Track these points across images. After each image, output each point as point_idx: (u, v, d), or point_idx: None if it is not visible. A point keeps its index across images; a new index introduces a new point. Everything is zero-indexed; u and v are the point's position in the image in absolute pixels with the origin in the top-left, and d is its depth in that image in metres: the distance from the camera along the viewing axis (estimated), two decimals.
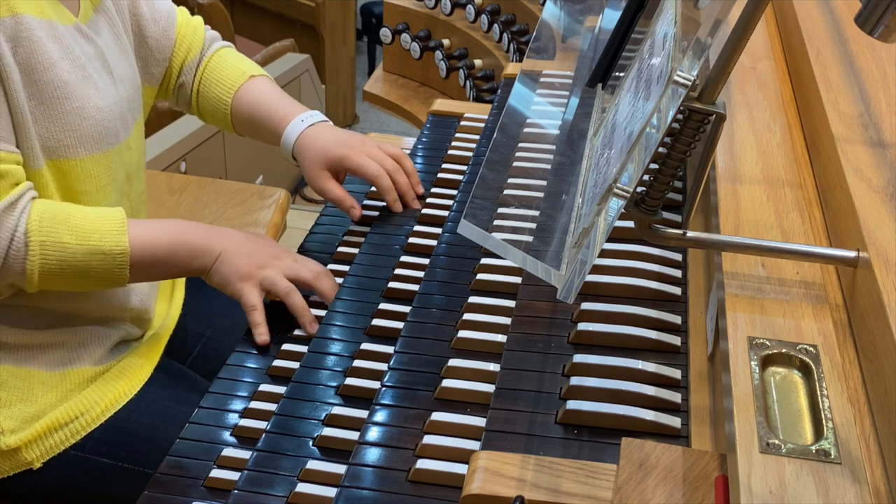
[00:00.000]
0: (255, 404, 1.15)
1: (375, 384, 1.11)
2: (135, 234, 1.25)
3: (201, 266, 1.31)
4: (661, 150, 0.80)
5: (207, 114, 1.58)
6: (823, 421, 0.70)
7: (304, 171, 1.46)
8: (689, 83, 0.75)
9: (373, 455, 0.98)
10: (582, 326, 1.03)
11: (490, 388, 1.01)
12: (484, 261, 1.22)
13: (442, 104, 1.80)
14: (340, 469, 0.99)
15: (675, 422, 0.90)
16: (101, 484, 1.32)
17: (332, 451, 1.05)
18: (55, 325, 1.32)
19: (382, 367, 1.13)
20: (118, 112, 1.32)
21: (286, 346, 1.25)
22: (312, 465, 1.02)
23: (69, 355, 1.33)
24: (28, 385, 1.29)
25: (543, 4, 1.44)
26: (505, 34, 2.22)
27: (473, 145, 1.61)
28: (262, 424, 1.11)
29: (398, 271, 1.31)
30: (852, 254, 0.81)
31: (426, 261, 1.30)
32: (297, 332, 1.28)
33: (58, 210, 1.22)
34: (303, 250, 1.45)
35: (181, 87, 1.56)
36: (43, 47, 1.20)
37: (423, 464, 0.95)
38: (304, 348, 1.22)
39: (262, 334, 1.27)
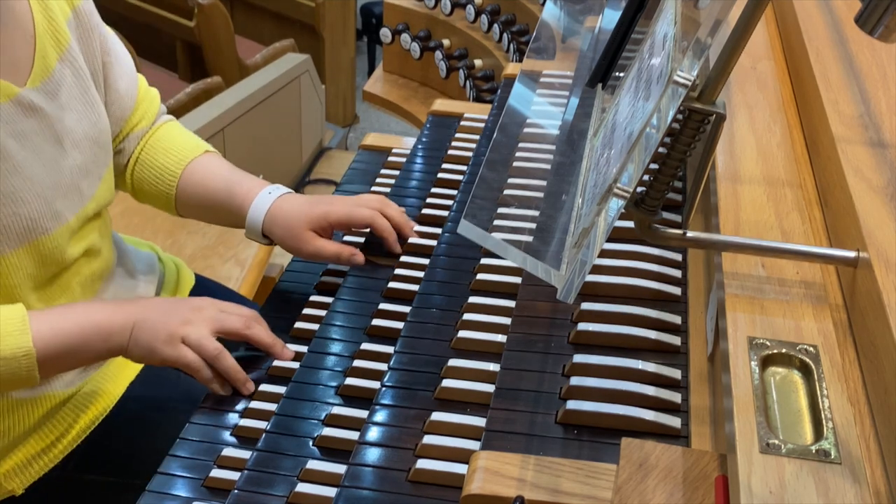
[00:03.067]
0: (255, 404, 1.15)
1: (375, 384, 1.11)
2: (37, 328, 1.13)
3: (117, 345, 1.18)
4: (661, 150, 0.80)
5: (143, 185, 1.43)
6: (823, 421, 0.70)
7: (285, 241, 1.34)
8: (689, 83, 0.75)
9: (373, 455, 0.98)
10: (582, 326, 1.03)
11: (490, 388, 1.01)
12: (484, 261, 1.22)
13: (442, 104, 1.80)
14: (340, 469, 0.99)
15: (675, 422, 0.90)
16: (87, 501, 1.31)
17: (332, 451, 1.05)
18: None
19: (382, 367, 1.13)
20: (64, 186, 1.21)
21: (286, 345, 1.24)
22: (312, 464, 1.02)
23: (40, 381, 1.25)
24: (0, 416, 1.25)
25: (543, 4, 1.43)
26: (505, 34, 2.22)
27: (473, 145, 1.61)
28: (262, 424, 1.11)
29: (398, 271, 1.31)
30: (852, 254, 0.81)
31: (426, 261, 1.30)
32: (298, 325, 1.27)
33: None
34: None
35: (118, 153, 1.42)
36: None
37: (423, 464, 0.95)
38: (304, 348, 1.22)
39: (245, 382, 1.17)
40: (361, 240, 1.40)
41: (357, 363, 1.15)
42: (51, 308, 1.22)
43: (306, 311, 1.31)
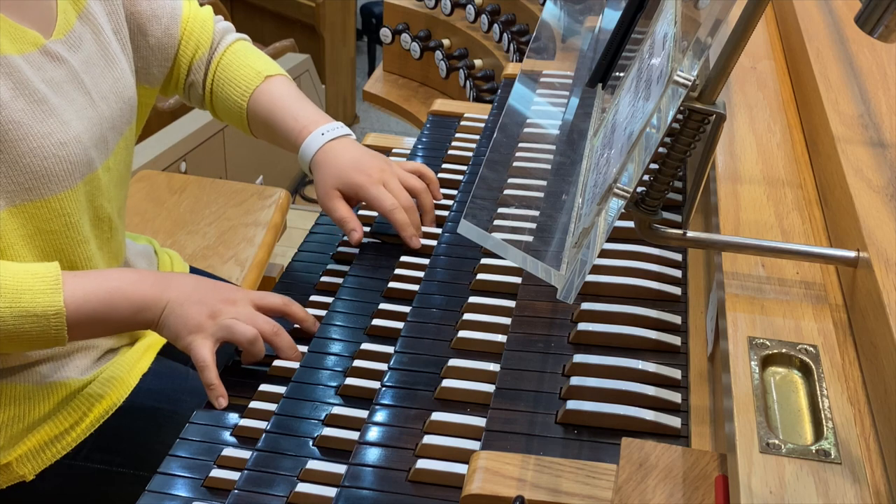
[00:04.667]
0: (255, 404, 1.15)
1: (375, 384, 1.10)
2: (70, 289, 1.15)
3: (147, 320, 1.19)
4: (661, 150, 0.81)
5: (223, 114, 1.51)
6: (823, 421, 0.70)
7: (317, 186, 1.37)
8: (689, 83, 0.75)
9: (373, 455, 0.98)
10: (582, 326, 1.02)
11: (490, 388, 1.01)
12: (484, 261, 1.22)
13: (442, 104, 1.80)
14: (340, 469, 0.99)
15: (675, 422, 0.90)
16: (96, 490, 1.31)
17: (332, 451, 1.05)
18: None
19: (382, 367, 1.13)
20: (94, 136, 1.24)
21: None
22: (312, 465, 1.02)
23: (54, 368, 1.29)
24: (14, 401, 1.26)
25: (543, 4, 1.44)
26: (505, 34, 2.22)
27: (473, 145, 1.61)
28: (262, 424, 1.11)
29: (398, 271, 1.31)
30: (852, 254, 0.81)
31: (426, 261, 1.30)
32: (295, 326, 1.27)
33: None
34: (302, 251, 1.45)
35: (191, 85, 1.49)
36: None
37: (423, 464, 0.95)
38: (304, 348, 1.22)
39: (219, 396, 1.16)
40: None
41: (357, 363, 1.15)
42: (86, 272, 1.23)
43: (306, 310, 1.31)
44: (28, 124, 1.16)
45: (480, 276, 1.19)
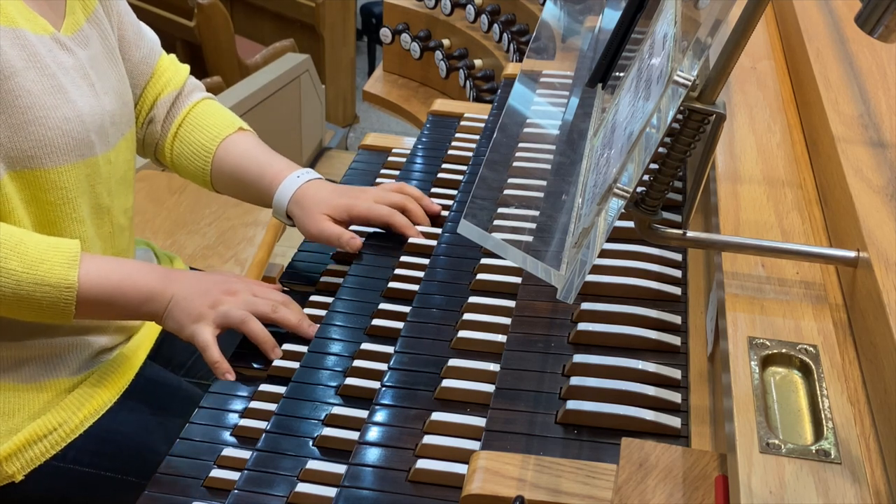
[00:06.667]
0: (255, 404, 1.15)
1: (375, 384, 1.11)
2: (86, 269, 1.20)
3: (152, 311, 1.25)
4: (661, 150, 0.81)
5: (182, 161, 1.50)
6: (823, 421, 0.70)
7: (302, 222, 1.38)
8: (689, 83, 0.75)
9: (373, 455, 0.98)
10: (582, 326, 1.03)
11: (490, 388, 1.01)
12: (484, 261, 1.22)
13: (442, 104, 1.80)
14: (340, 469, 0.99)
15: (675, 422, 0.90)
16: (84, 494, 1.31)
17: (332, 451, 1.05)
18: (29, 337, 1.28)
19: (382, 367, 1.13)
20: (96, 123, 1.27)
21: (286, 346, 1.24)
22: (312, 465, 1.02)
23: (45, 367, 1.30)
24: (2, 399, 1.27)
25: (543, 4, 1.44)
26: (505, 34, 2.22)
27: (473, 145, 1.61)
28: (262, 424, 1.11)
29: (398, 271, 1.31)
30: (852, 254, 0.81)
31: (426, 261, 1.30)
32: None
33: (9, 234, 1.18)
34: (302, 251, 1.45)
35: (150, 121, 1.49)
36: (4, 56, 1.17)
37: (423, 464, 0.95)
38: (304, 348, 1.22)
39: (225, 372, 1.21)
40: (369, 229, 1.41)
41: (357, 363, 1.15)
42: (104, 256, 1.30)
43: (306, 310, 1.31)
44: (38, 94, 1.20)
45: (480, 276, 1.19)
